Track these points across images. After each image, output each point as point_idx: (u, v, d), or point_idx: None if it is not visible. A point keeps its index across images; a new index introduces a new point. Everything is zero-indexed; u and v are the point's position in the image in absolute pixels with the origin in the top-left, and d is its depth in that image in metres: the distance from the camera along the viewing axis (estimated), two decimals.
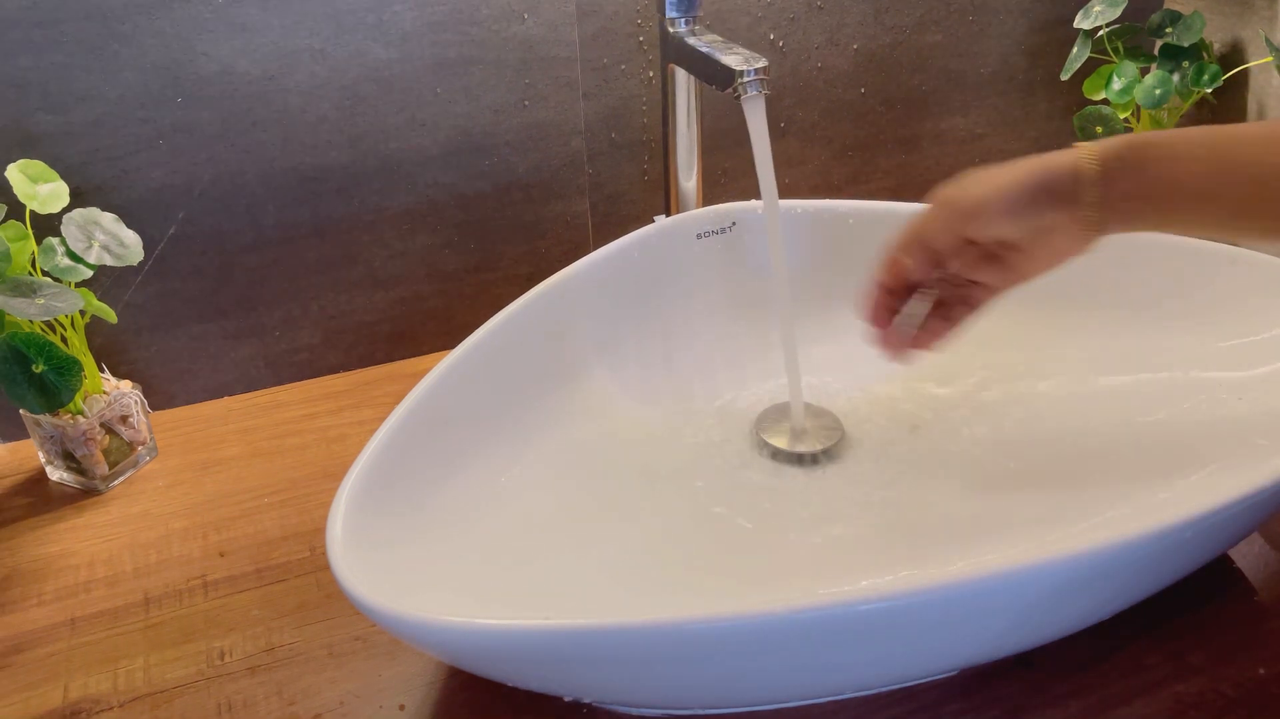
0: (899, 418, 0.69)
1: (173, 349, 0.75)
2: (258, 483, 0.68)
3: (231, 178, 0.72)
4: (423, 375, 0.57)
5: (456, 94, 0.75)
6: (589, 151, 0.81)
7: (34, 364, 0.62)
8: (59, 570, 0.61)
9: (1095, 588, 0.47)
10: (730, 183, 0.87)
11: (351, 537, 0.47)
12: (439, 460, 0.56)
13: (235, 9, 0.67)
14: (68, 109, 0.66)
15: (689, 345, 0.72)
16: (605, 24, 0.77)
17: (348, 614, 0.56)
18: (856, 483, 0.64)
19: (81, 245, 0.63)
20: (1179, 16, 0.84)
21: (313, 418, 0.75)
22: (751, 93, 0.60)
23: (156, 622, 0.57)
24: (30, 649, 0.55)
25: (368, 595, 0.43)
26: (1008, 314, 0.74)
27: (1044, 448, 0.64)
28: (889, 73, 0.88)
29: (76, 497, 0.67)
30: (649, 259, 0.70)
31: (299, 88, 0.71)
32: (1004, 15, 0.90)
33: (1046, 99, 0.95)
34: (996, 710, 0.49)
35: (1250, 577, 0.57)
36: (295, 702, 0.51)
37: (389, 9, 0.70)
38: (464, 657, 0.47)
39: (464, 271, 0.81)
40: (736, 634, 0.42)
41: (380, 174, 0.75)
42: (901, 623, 0.43)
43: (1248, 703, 0.49)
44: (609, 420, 0.66)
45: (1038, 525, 0.57)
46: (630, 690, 0.48)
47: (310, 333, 0.79)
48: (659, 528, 0.60)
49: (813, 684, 0.49)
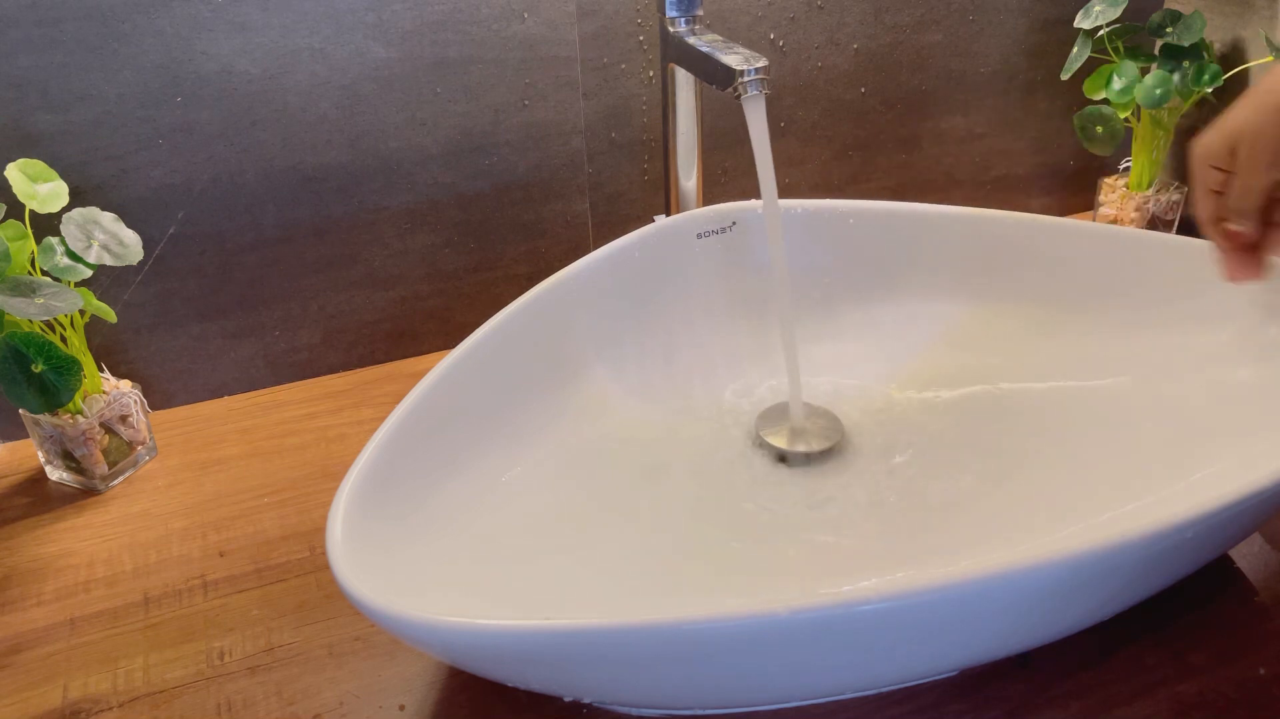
0: (899, 418, 0.69)
1: (172, 349, 0.75)
2: (257, 483, 0.68)
3: (231, 177, 0.72)
4: (422, 375, 0.57)
5: (456, 93, 0.75)
6: (589, 151, 0.81)
7: (33, 364, 0.62)
8: (58, 570, 0.61)
9: (1096, 588, 0.46)
10: (730, 182, 0.87)
11: (351, 536, 0.47)
12: (439, 460, 0.56)
13: (235, 8, 0.67)
14: (67, 108, 0.66)
15: (689, 345, 0.72)
16: (605, 23, 0.77)
17: (348, 614, 0.56)
18: (856, 483, 0.64)
19: (81, 245, 0.63)
20: (1179, 16, 0.84)
21: (312, 417, 0.75)
22: (752, 92, 0.60)
23: (156, 622, 0.57)
24: (30, 649, 0.55)
25: (368, 595, 0.43)
26: (1008, 315, 0.74)
27: (1044, 448, 0.64)
28: (889, 72, 0.88)
29: (76, 496, 0.67)
30: (649, 259, 0.70)
31: (299, 87, 0.71)
32: (1004, 15, 0.89)
33: (1046, 99, 0.95)
34: (997, 711, 0.49)
35: (1251, 577, 0.57)
36: (295, 702, 0.51)
37: (389, 8, 0.70)
38: (464, 657, 0.47)
39: (464, 271, 0.81)
40: (736, 634, 0.42)
41: (380, 173, 0.75)
42: (902, 623, 0.43)
43: (1248, 703, 0.49)
44: (609, 420, 0.66)
45: (1038, 525, 0.57)
46: (630, 690, 0.48)
47: (310, 332, 0.79)
48: (659, 528, 0.60)
49: (813, 684, 0.49)
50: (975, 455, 0.65)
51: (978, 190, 0.97)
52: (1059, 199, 1.01)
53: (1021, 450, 0.64)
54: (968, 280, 0.73)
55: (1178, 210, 0.90)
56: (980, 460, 0.64)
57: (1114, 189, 0.91)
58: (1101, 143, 0.89)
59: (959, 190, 0.96)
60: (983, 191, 0.97)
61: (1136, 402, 0.64)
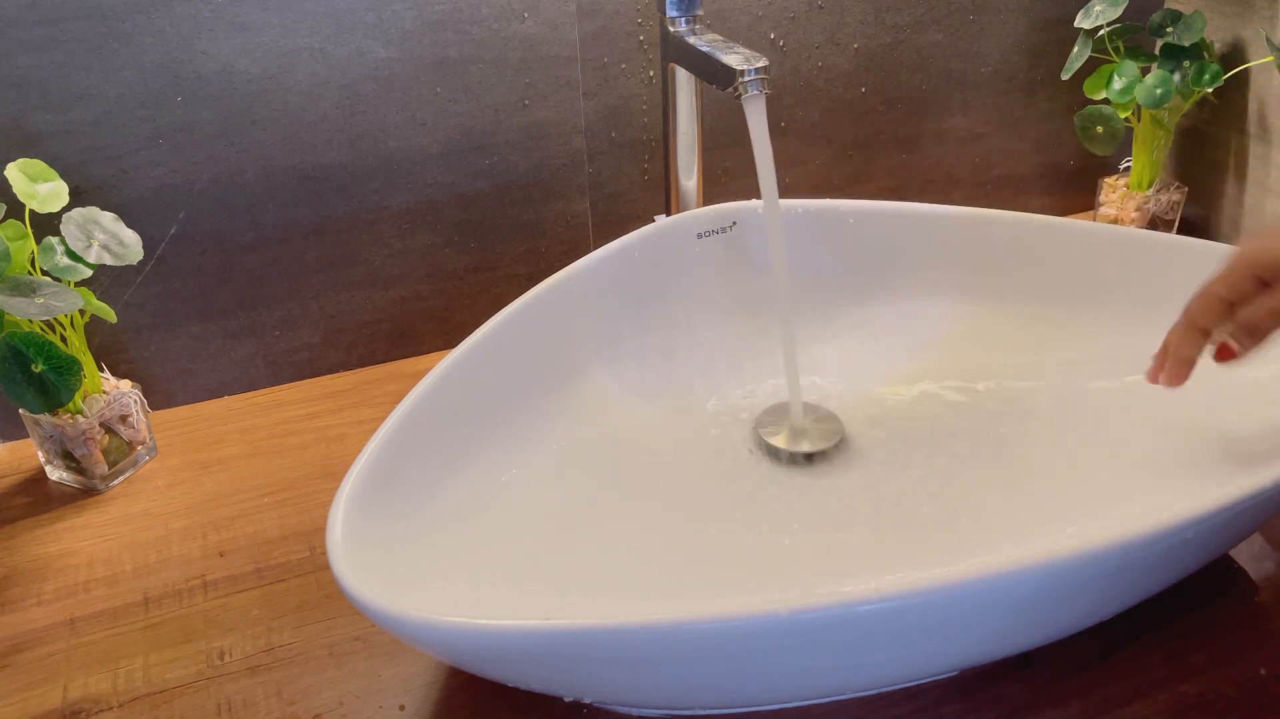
0: (899, 418, 0.69)
1: (172, 348, 0.75)
2: (257, 482, 0.68)
3: (231, 177, 0.72)
4: (423, 375, 0.57)
5: (456, 93, 0.75)
6: (589, 151, 0.81)
7: (33, 364, 0.62)
8: (58, 570, 0.61)
9: (1096, 588, 0.46)
10: (730, 182, 0.87)
11: (351, 536, 0.47)
12: (439, 460, 0.56)
13: (235, 8, 0.67)
14: (67, 108, 0.66)
15: (689, 345, 0.72)
16: (605, 23, 0.77)
17: (348, 614, 0.56)
18: (856, 483, 0.64)
19: (81, 245, 0.63)
20: (1180, 16, 0.84)
21: (312, 417, 0.75)
22: (752, 92, 0.60)
23: (156, 621, 0.57)
24: (30, 649, 0.55)
25: (368, 595, 0.43)
26: (1009, 315, 0.74)
27: (1045, 448, 0.64)
28: (889, 72, 0.88)
29: (76, 496, 0.67)
30: (649, 259, 0.70)
31: (299, 87, 0.71)
32: (1004, 15, 0.89)
33: (1047, 98, 0.95)
34: (997, 711, 0.49)
35: (1251, 577, 0.57)
36: (295, 702, 0.51)
37: (389, 8, 0.70)
38: (464, 657, 0.47)
39: (464, 271, 0.81)
40: (737, 634, 0.42)
41: (380, 173, 0.75)
42: (902, 623, 0.43)
43: (1249, 703, 0.49)
44: (609, 420, 0.66)
45: (1038, 525, 0.57)
46: (630, 691, 0.48)
47: (310, 332, 0.79)
48: (659, 527, 0.60)
49: (813, 684, 0.49)
50: (976, 455, 0.65)
51: (978, 190, 0.97)
52: (1059, 199, 1.01)
53: (1022, 450, 0.64)
54: (968, 280, 0.73)
55: (1178, 210, 0.90)
56: (981, 460, 0.64)
57: (1114, 189, 0.91)
58: (1102, 143, 0.89)
59: (959, 190, 0.96)
60: (983, 191, 0.97)
61: (1138, 401, 0.64)
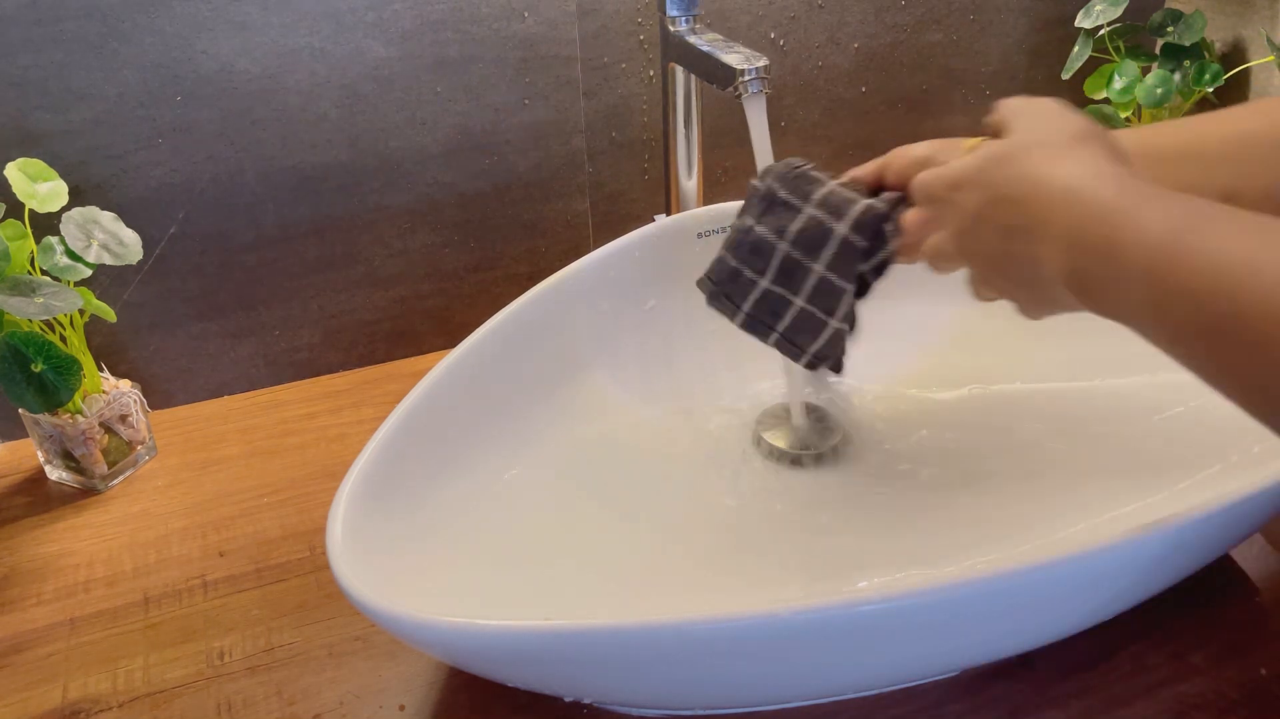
0: (899, 419, 0.69)
1: (172, 348, 0.75)
2: (257, 482, 0.68)
3: (231, 177, 0.72)
4: (423, 375, 0.57)
5: (456, 93, 0.75)
6: (589, 150, 0.81)
7: (33, 363, 0.61)
8: (58, 570, 0.61)
9: (1097, 588, 0.46)
10: (730, 182, 0.87)
11: (351, 536, 0.47)
12: (439, 460, 0.56)
13: (235, 7, 0.67)
14: (67, 107, 0.66)
15: (689, 345, 0.72)
16: (606, 23, 0.77)
17: (348, 614, 0.56)
18: (857, 484, 0.63)
19: (81, 244, 0.63)
20: (1180, 15, 0.84)
21: (312, 417, 0.75)
22: (752, 91, 0.60)
23: (156, 621, 0.57)
24: (29, 649, 0.55)
25: (367, 595, 0.43)
26: (1009, 315, 0.74)
27: (1045, 449, 0.64)
28: (890, 72, 0.88)
29: (76, 496, 0.67)
30: (649, 259, 0.70)
31: (299, 86, 0.70)
32: (1005, 14, 0.89)
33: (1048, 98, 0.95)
34: (998, 711, 0.49)
35: (1252, 577, 0.57)
36: (295, 702, 0.51)
37: (389, 7, 0.70)
38: (464, 657, 0.47)
39: (464, 271, 0.81)
40: (737, 635, 0.42)
41: (380, 173, 0.75)
42: (902, 624, 0.43)
43: (1249, 703, 0.49)
44: (609, 420, 0.66)
45: (1039, 526, 0.57)
46: (630, 691, 0.48)
47: (310, 332, 0.79)
48: (659, 528, 0.60)
49: (813, 685, 0.49)
50: (976, 456, 0.64)
51: None
52: None
53: (1023, 451, 0.64)
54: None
55: None
56: (981, 461, 0.64)
57: None
58: None
59: None
60: None
61: (1139, 401, 0.64)
